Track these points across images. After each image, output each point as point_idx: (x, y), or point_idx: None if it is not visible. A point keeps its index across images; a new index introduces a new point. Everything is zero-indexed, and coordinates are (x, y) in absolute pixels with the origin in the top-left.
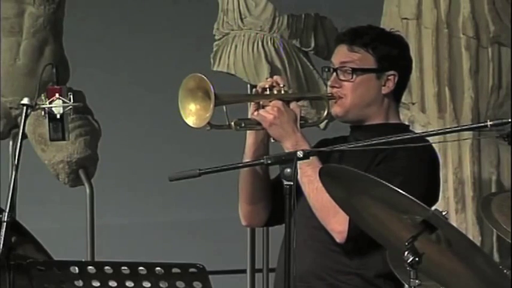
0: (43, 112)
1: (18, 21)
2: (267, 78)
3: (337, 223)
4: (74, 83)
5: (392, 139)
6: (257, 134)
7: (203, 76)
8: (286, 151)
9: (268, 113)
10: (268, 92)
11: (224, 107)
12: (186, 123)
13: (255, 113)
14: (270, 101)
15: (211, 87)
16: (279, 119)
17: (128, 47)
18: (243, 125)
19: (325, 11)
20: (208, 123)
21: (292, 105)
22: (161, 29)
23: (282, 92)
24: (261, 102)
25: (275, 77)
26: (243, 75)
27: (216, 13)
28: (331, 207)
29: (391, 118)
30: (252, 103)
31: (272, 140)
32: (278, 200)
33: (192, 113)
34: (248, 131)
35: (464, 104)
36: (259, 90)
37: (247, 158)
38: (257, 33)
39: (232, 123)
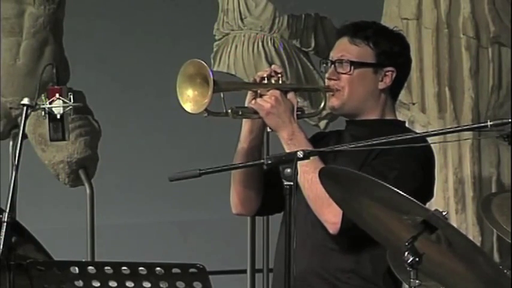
0: (43, 112)
1: (18, 21)
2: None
3: (330, 214)
4: (74, 83)
5: (392, 139)
6: (253, 122)
7: (202, 62)
8: (282, 141)
9: (265, 102)
10: (266, 82)
11: (222, 95)
12: (184, 109)
13: (253, 101)
14: (268, 91)
15: (211, 73)
16: (276, 109)
17: (128, 47)
18: (240, 113)
19: (325, 11)
20: (206, 109)
21: (290, 95)
22: (161, 29)
23: (280, 81)
24: (258, 91)
25: (273, 66)
26: (243, 75)
27: (216, 13)
28: (325, 198)
29: (387, 114)
30: (249, 92)
31: (268, 130)
32: (271, 189)
33: (190, 99)
34: (244, 120)
35: (465, 104)
36: (257, 79)
37: (241, 146)
38: (257, 34)
39: (230, 110)
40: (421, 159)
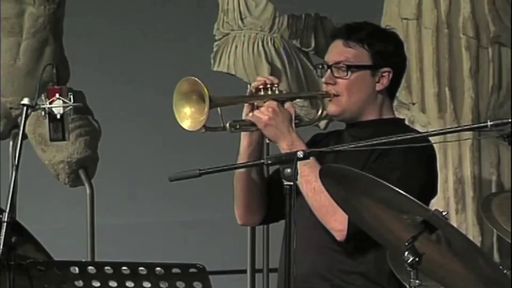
0: (43, 112)
1: (18, 21)
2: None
3: (336, 222)
4: (74, 83)
5: (392, 139)
6: (252, 136)
7: (197, 79)
8: (282, 151)
9: (263, 114)
10: (262, 93)
11: (219, 109)
12: (182, 127)
13: (250, 114)
14: (265, 102)
15: (206, 90)
16: (274, 120)
17: (128, 47)
18: (238, 126)
19: (325, 11)
20: (204, 126)
21: (287, 105)
22: (161, 29)
23: (276, 91)
24: (255, 103)
25: (269, 77)
26: (243, 75)
27: (216, 13)
28: (329, 206)
29: (384, 114)
30: (246, 104)
31: (267, 141)
32: (274, 197)
33: (187, 117)
34: (242, 133)
35: (465, 104)
36: (253, 90)
37: (242, 159)
38: (257, 34)
39: (227, 125)
40: (422, 157)
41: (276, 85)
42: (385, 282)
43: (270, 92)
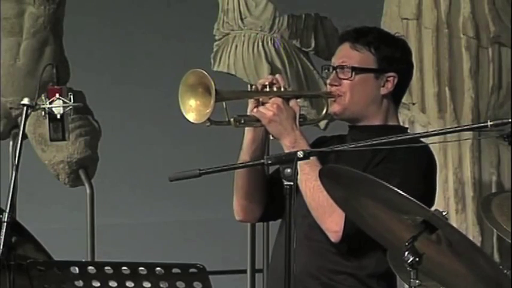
0: (43, 112)
1: (18, 21)
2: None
3: (332, 222)
4: (74, 83)
5: (392, 139)
6: (256, 131)
7: (204, 72)
8: (285, 148)
9: (267, 110)
10: (267, 89)
11: (224, 103)
12: (186, 119)
13: (255, 109)
14: (270, 98)
15: (213, 82)
16: (278, 116)
17: (128, 47)
18: (242, 121)
19: (325, 11)
20: (208, 119)
21: (292, 102)
22: (161, 29)
23: (282, 89)
24: (260, 99)
25: (276, 75)
26: (243, 75)
27: (216, 13)
28: (327, 206)
29: (389, 120)
30: (251, 100)
31: (271, 137)
32: (273, 195)
33: (192, 109)
34: (246, 128)
35: (465, 104)
36: (259, 87)
37: (244, 155)
38: (257, 34)
39: (232, 119)
40: (423, 168)
41: (281, 84)
42: (375, 283)
43: (275, 89)
